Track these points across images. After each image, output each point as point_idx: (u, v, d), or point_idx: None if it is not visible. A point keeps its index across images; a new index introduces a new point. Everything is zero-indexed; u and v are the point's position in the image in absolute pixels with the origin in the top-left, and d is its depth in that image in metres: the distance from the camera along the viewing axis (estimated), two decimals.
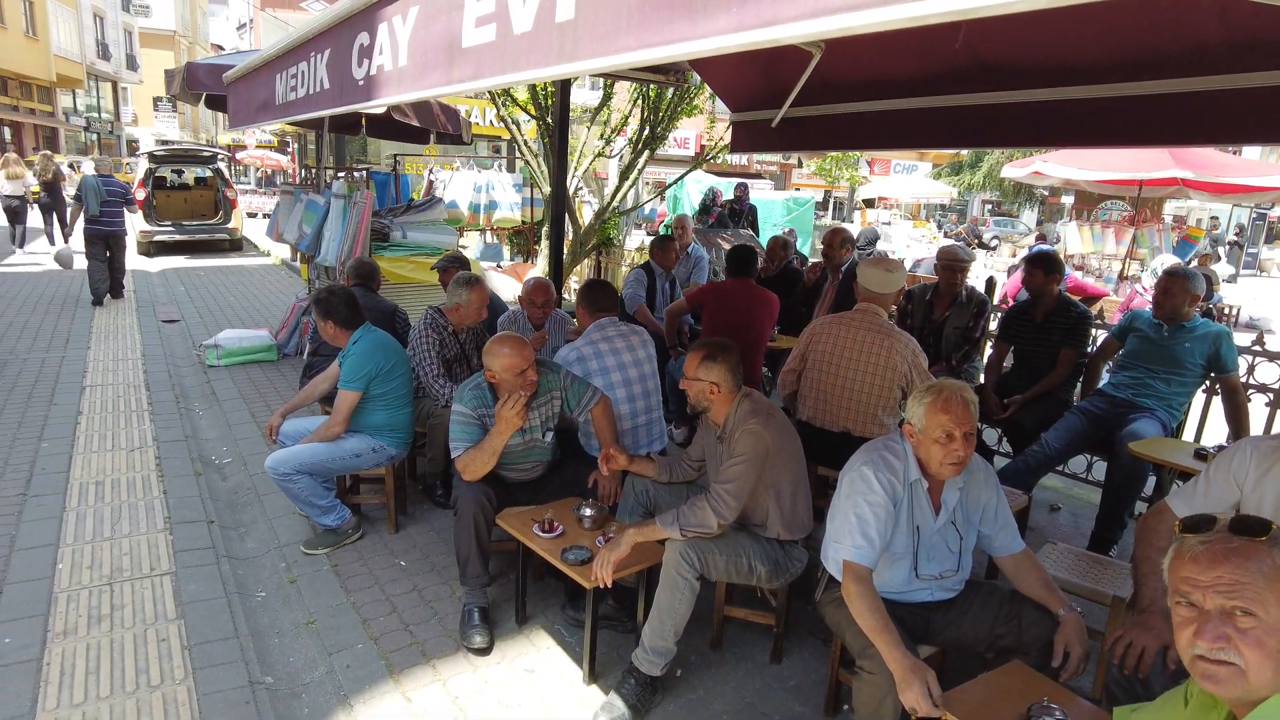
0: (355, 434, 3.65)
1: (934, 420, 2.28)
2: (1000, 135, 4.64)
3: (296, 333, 7.24)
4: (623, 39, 1.14)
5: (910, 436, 2.38)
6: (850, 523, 2.31)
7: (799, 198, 18.07)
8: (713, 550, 2.68)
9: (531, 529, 2.95)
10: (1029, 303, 4.57)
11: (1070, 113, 4.08)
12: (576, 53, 1.22)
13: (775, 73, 5.30)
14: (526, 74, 1.38)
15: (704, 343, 2.90)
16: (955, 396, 2.27)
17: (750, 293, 4.81)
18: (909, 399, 2.39)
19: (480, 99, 10.59)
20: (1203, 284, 4.15)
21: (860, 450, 2.48)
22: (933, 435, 2.29)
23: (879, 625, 2.15)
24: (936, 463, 2.32)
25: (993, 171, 23.78)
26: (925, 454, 2.35)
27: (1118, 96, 3.80)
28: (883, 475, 2.34)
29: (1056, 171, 12.28)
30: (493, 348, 3.05)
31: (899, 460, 2.38)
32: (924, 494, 2.41)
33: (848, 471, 2.43)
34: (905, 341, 3.48)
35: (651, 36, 1.14)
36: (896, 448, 2.42)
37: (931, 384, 2.34)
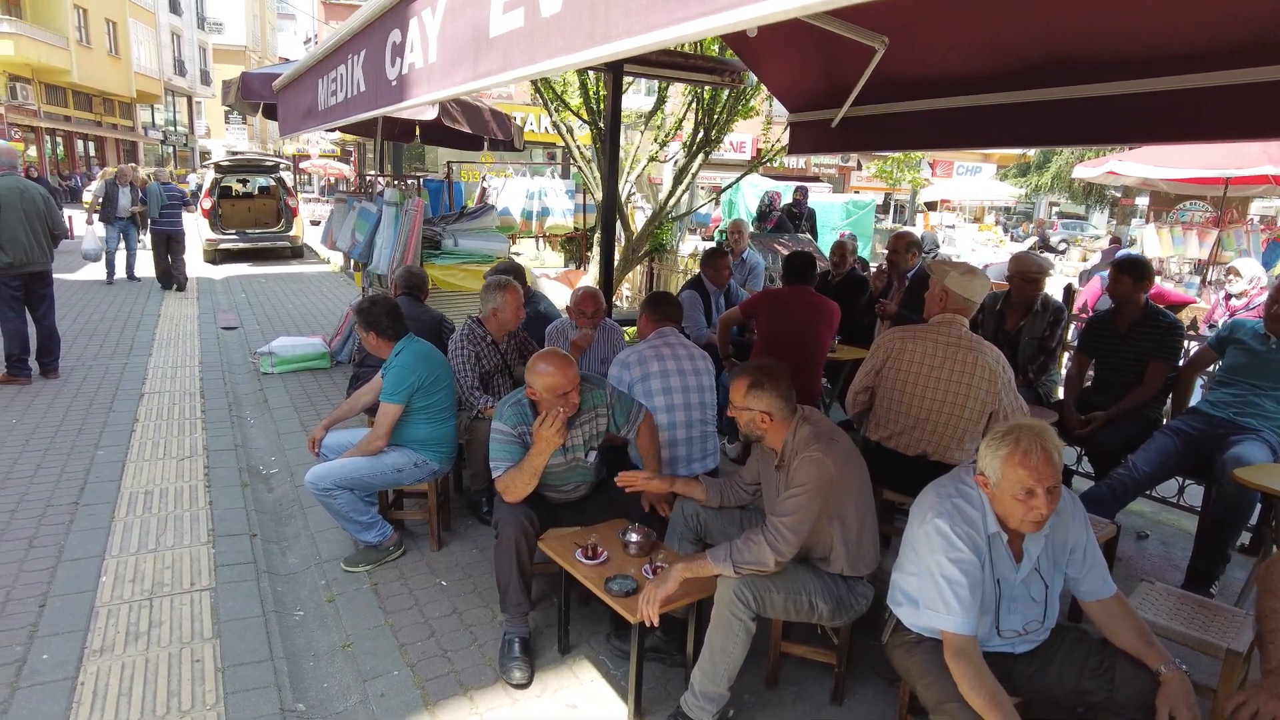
0: (397, 448, 3.54)
1: (1011, 475, 2.01)
2: (1080, 132, 4.27)
3: (351, 340, 7.24)
4: (655, 15, 0.96)
5: (985, 488, 2.12)
6: (940, 586, 2.07)
7: (859, 200, 17.61)
8: (770, 587, 2.47)
9: (574, 554, 2.78)
10: (1112, 311, 4.22)
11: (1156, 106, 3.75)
12: (609, 33, 1.05)
13: (835, 71, 5.06)
14: (555, 62, 1.21)
15: (750, 367, 2.68)
16: (1035, 447, 1.99)
17: (808, 301, 4.56)
18: (982, 444, 2.12)
19: (535, 105, 10.54)
20: None
21: (929, 495, 2.23)
22: (1010, 491, 2.03)
23: (989, 703, 1.91)
24: (1015, 520, 2.07)
25: (1061, 172, 22.87)
26: (1002, 508, 2.09)
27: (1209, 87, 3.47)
28: (960, 529, 2.09)
29: (1133, 170, 11.63)
30: (536, 365, 2.90)
31: (975, 510, 2.13)
32: (1004, 545, 2.15)
33: (920, 521, 2.18)
34: (994, 356, 3.18)
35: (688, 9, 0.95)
36: (971, 494, 2.16)
37: (1008, 430, 2.06)
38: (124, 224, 10.89)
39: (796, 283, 4.65)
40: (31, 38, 24.35)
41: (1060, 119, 4.11)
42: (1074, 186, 22.65)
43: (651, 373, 3.43)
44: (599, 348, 4.46)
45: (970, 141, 5.13)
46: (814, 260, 4.86)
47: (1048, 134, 4.55)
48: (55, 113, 27.79)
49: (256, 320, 9.22)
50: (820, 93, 5.36)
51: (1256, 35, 3.14)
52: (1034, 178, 24.65)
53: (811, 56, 5.04)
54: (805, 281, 4.66)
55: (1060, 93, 4.02)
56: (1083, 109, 3.97)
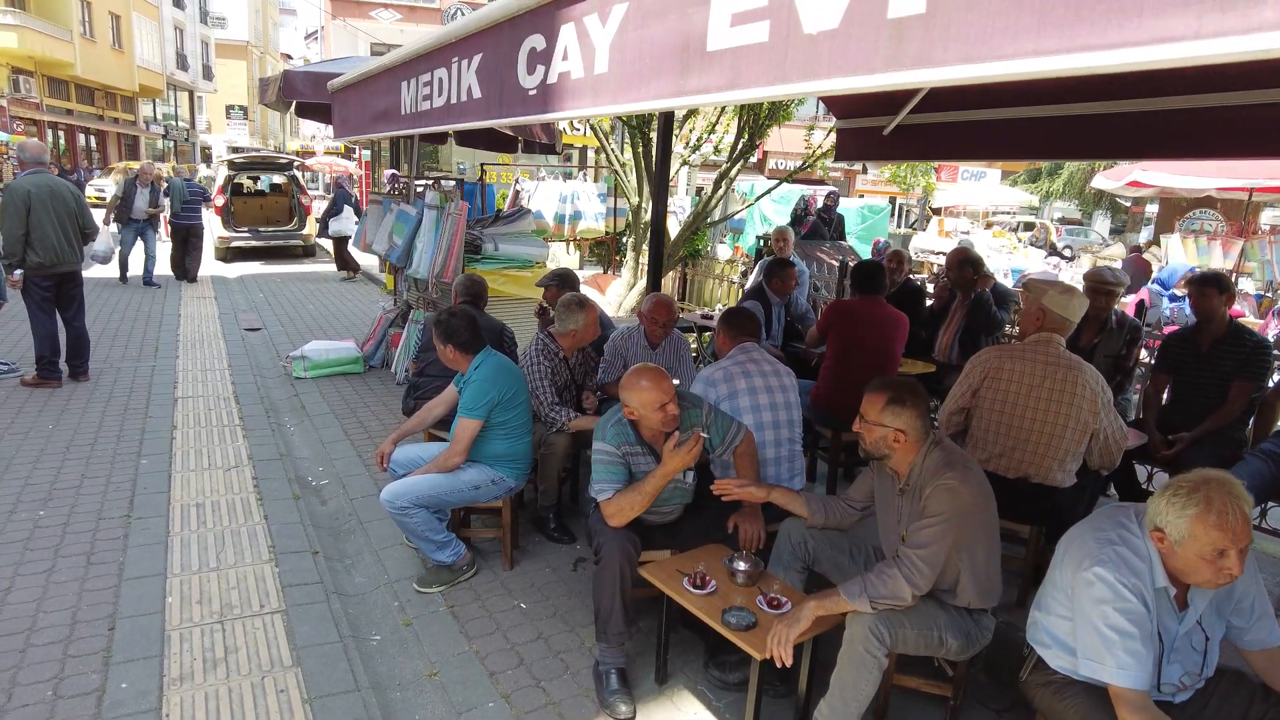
0: (474, 464, 3.42)
1: (1203, 536, 1.86)
2: (1154, 145, 4.20)
3: (383, 345, 7.11)
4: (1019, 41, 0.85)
5: (1160, 544, 1.97)
6: (1105, 638, 1.94)
7: (874, 205, 17.53)
8: (904, 623, 2.36)
9: (682, 583, 2.66)
10: (1194, 328, 4.12)
11: (1230, 119, 3.68)
12: (929, 56, 0.93)
13: None
14: (821, 84, 1.09)
15: (890, 382, 2.56)
16: (1230, 508, 1.84)
17: (881, 313, 4.44)
18: (1160, 500, 1.96)
19: None
20: None
21: (1086, 540, 2.09)
22: (1198, 552, 1.88)
23: None
24: (1199, 578, 1.93)
25: (1073, 179, 22.83)
26: (1181, 565, 1.94)
27: None
28: (1126, 579, 1.95)
29: (1158, 180, 11.60)
30: (629, 381, 2.78)
31: (1140, 561, 1.99)
32: (1169, 599, 2.04)
33: (1076, 566, 2.04)
34: (1093, 375, 3.08)
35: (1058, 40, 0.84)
36: (1136, 544, 2.01)
37: (1194, 486, 1.90)
38: (141, 226, 10.59)
39: (869, 293, 4.53)
40: (35, 30, 24.10)
41: (1141, 131, 4.03)
42: (1085, 193, 22.61)
43: (739, 390, 3.32)
44: (666, 358, 4.34)
45: (1035, 152, 5.05)
46: (884, 269, 4.74)
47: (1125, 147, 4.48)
48: (57, 106, 27.52)
49: (279, 321, 9.07)
50: (874, 99, 5.26)
51: None
52: (1045, 184, 24.62)
53: None
54: (877, 291, 4.54)
55: (1145, 104, 3.94)
56: (1158, 120, 3.90)
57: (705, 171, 17.90)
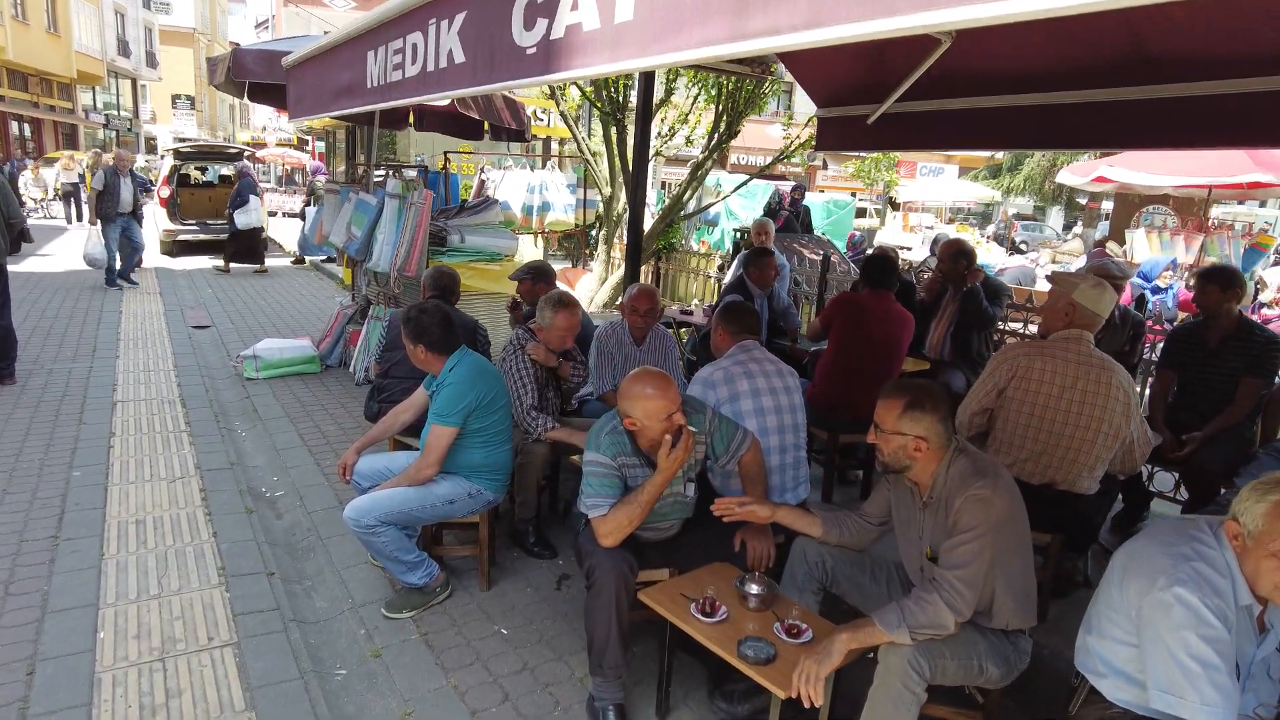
0: (448, 476, 3.10)
1: (1277, 527, 1.68)
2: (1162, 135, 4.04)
3: (341, 343, 6.71)
4: None
5: (1235, 540, 1.78)
6: (1189, 670, 1.71)
7: (839, 200, 17.47)
8: (944, 653, 2.11)
9: (689, 610, 2.38)
10: (1200, 324, 3.97)
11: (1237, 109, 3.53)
12: None
13: (881, 65, 4.74)
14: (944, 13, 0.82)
15: (907, 385, 2.32)
16: None
17: (890, 308, 4.21)
18: (1246, 489, 1.79)
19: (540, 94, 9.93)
20: None
21: (1155, 555, 1.86)
22: (1272, 547, 1.70)
23: None
24: (1270, 584, 1.74)
25: (1033, 175, 23.10)
26: (1252, 567, 1.76)
27: None
28: (1210, 601, 1.73)
29: (1122, 176, 11.64)
30: (630, 390, 2.49)
31: (1222, 577, 1.78)
32: (1249, 618, 1.82)
33: (1149, 586, 1.81)
34: (1125, 376, 2.88)
35: None
36: (1213, 555, 1.80)
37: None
38: (126, 220, 9.77)
39: (879, 288, 4.28)
40: None
41: (1149, 119, 3.87)
42: (1044, 189, 22.89)
43: (741, 392, 3.05)
44: (652, 355, 4.07)
45: (1028, 142, 4.87)
46: (896, 262, 4.51)
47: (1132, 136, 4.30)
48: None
49: (229, 319, 8.57)
50: (858, 87, 5.05)
51: None
52: (1005, 180, 24.88)
53: (854, 50, 4.72)
54: (889, 286, 4.30)
55: (1144, 92, 3.78)
56: (1178, 109, 3.73)
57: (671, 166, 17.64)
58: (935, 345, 5.04)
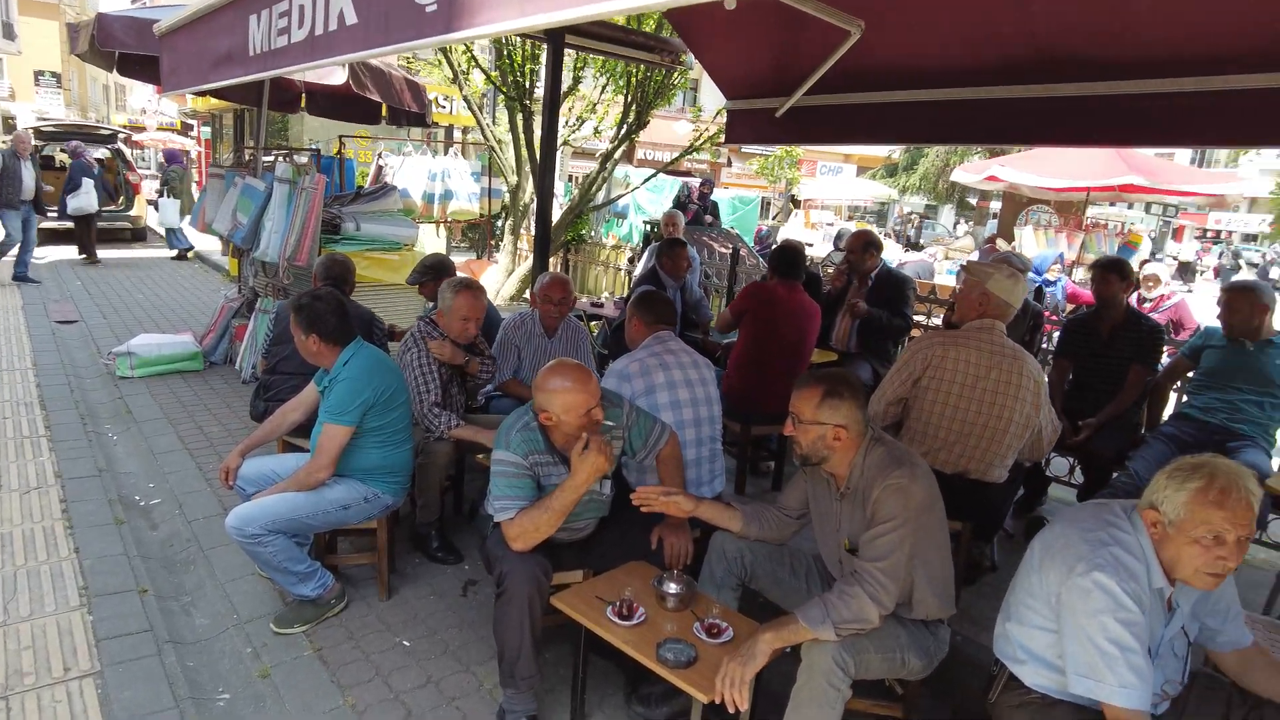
0: (343, 479, 2.87)
1: (1200, 515, 1.70)
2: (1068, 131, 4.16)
3: (226, 338, 6.26)
4: None
5: (1154, 527, 1.80)
6: (1108, 655, 1.72)
7: (744, 196, 17.71)
8: (867, 647, 2.07)
9: (605, 614, 2.26)
10: (1093, 314, 4.13)
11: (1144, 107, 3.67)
12: None
13: (789, 57, 4.74)
14: None
15: (823, 375, 2.27)
16: (1236, 486, 1.69)
17: (799, 300, 4.20)
18: (1161, 476, 1.80)
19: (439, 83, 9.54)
20: (1273, 295, 3.79)
21: (1074, 541, 1.86)
22: (1192, 533, 1.72)
23: None
24: (1189, 570, 1.76)
25: (927, 175, 24.06)
26: (1173, 553, 1.78)
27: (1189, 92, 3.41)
28: (1127, 585, 1.74)
29: (1013, 177, 12.20)
30: (547, 382, 2.35)
31: (1137, 561, 1.79)
32: (1161, 601, 1.85)
33: (1067, 572, 1.81)
34: (1035, 365, 2.94)
35: None
36: (1128, 541, 1.82)
37: (1202, 463, 1.75)
38: (27, 209, 8.90)
39: (789, 278, 4.27)
40: None
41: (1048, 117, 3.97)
42: (937, 188, 23.88)
43: (657, 384, 2.95)
44: (564, 347, 3.92)
45: (932, 136, 4.97)
46: (804, 253, 4.50)
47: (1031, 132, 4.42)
48: None
49: (101, 314, 7.88)
50: (767, 79, 5.04)
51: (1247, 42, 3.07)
52: (901, 179, 25.82)
53: (764, 40, 4.71)
54: (797, 277, 4.29)
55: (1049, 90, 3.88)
56: (1072, 107, 3.85)
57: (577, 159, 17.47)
58: (842, 337, 5.09)
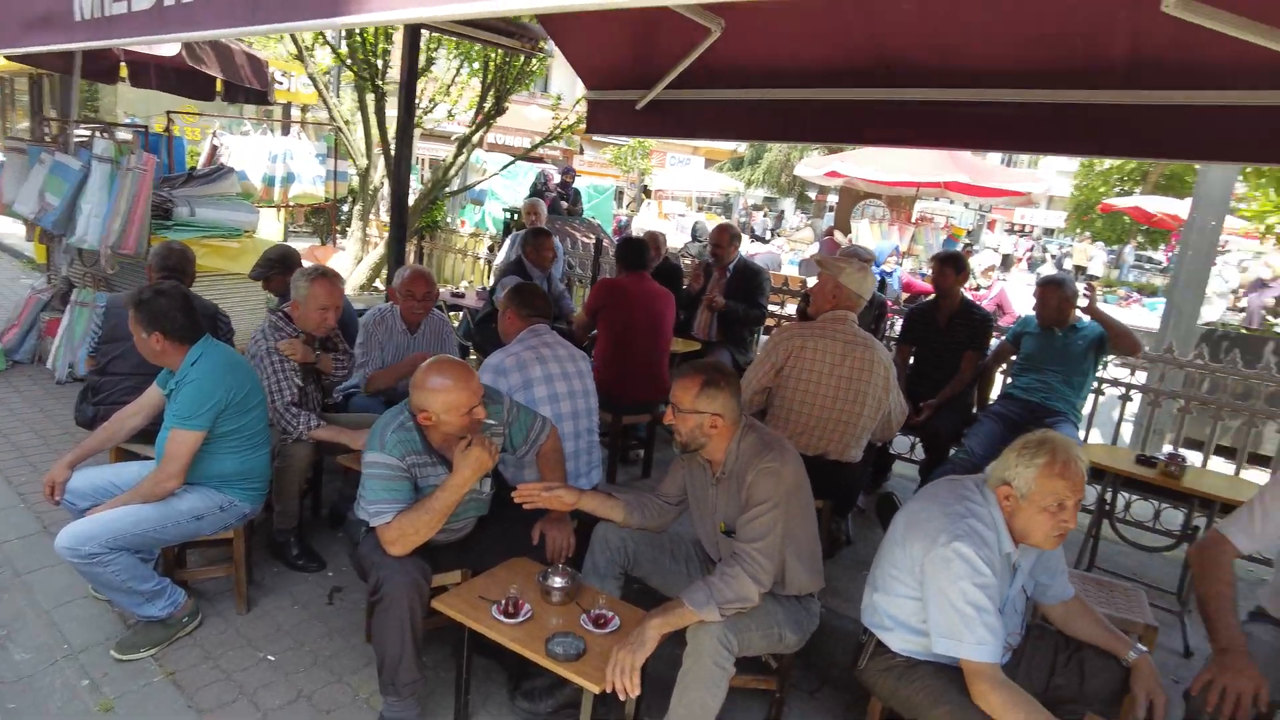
0: (194, 488, 2.65)
1: (1048, 486, 1.92)
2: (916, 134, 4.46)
3: (34, 334, 5.58)
4: None
5: (1006, 500, 2.00)
6: (966, 616, 1.90)
7: (599, 185, 17.77)
8: (749, 626, 2.17)
9: (490, 613, 2.23)
10: (932, 305, 4.50)
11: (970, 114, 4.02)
12: None
13: (650, 50, 4.82)
14: None
15: (700, 365, 2.36)
16: (1074, 458, 1.93)
17: (649, 289, 4.29)
18: (1009, 455, 2.01)
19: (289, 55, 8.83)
20: (1076, 288, 4.26)
21: (934, 515, 2.05)
22: (1042, 503, 1.94)
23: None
24: (1040, 535, 1.98)
25: (771, 168, 25.11)
26: (1025, 523, 1.99)
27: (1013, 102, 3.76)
28: (983, 552, 1.94)
29: (851, 172, 13.01)
30: (426, 379, 2.28)
31: (989, 530, 2.00)
32: (1009, 563, 2.06)
33: (930, 543, 1.99)
34: (884, 352, 3.16)
35: None
36: (981, 512, 2.02)
37: (1041, 440, 1.97)
38: None
39: (635, 270, 4.35)
40: None
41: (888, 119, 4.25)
42: (780, 181, 24.98)
43: (534, 379, 2.93)
44: (426, 342, 3.80)
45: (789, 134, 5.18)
46: (648, 244, 4.60)
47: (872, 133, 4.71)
48: None
49: None
50: (628, 72, 5.10)
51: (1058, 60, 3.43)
52: (747, 172, 26.81)
53: (627, 32, 4.77)
54: (642, 267, 4.38)
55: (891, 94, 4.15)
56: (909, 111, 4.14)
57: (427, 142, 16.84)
58: (703, 327, 5.27)
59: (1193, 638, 3.19)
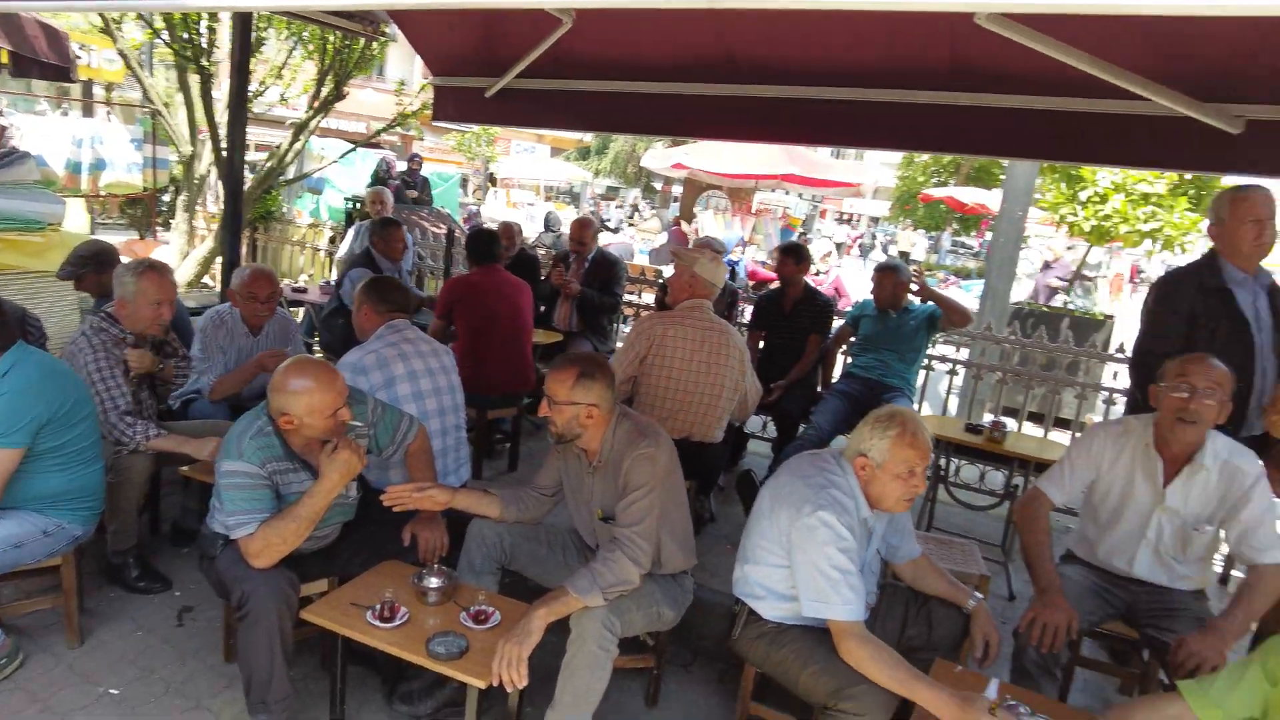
0: (12, 513, 2.38)
1: (900, 455, 2.11)
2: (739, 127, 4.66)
3: None
4: None
5: (863, 470, 2.17)
6: (832, 579, 2.05)
7: (443, 173, 17.28)
8: (630, 607, 2.24)
9: (365, 619, 2.17)
10: (779, 292, 4.75)
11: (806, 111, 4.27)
12: None
13: (499, 39, 4.79)
14: None
15: (574, 357, 2.39)
16: (920, 429, 2.13)
17: (504, 280, 4.25)
18: (863, 429, 2.19)
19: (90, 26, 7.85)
20: (909, 272, 4.66)
21: (797, 487, 2.19)
22: (895, 471, 2.12)
23: (910, 676, 1.93)
24: (892, 500, 2.17)
25: (618, 158, 25.39)
26: (879, 490, 2.17)
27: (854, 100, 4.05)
28: (844, 519, 2.10)
29: (695, 164, 13.40)
30: (287, 381, 2.17)
31: (848, 498, 2.17)
32: (866, 528, 2.24)
33: (795, 514, 2.13)
34: (738, 336, 3.33)
35: None
36: (840, 482, 2.19)
37: (890, 414, 2.16)
38: None
39: (486, 262, 4.29)
40: None
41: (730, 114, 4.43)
42: (626, 171, 25.31)
43: (396, 376, 2.85)
44: (271, 345, 3.58)
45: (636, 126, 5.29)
46: (498, 236, 4.55)
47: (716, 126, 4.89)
48: None
49: None
50: (476, 59, 5.05)
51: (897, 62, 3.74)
52: (594, 161, 26.94)
53: (476, 20, 4.71)
54: (494, 259, 4.32)
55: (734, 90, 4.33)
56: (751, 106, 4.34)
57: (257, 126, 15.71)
58: (564, 318, 5.30)
59: (1015, 583, 3.61)
